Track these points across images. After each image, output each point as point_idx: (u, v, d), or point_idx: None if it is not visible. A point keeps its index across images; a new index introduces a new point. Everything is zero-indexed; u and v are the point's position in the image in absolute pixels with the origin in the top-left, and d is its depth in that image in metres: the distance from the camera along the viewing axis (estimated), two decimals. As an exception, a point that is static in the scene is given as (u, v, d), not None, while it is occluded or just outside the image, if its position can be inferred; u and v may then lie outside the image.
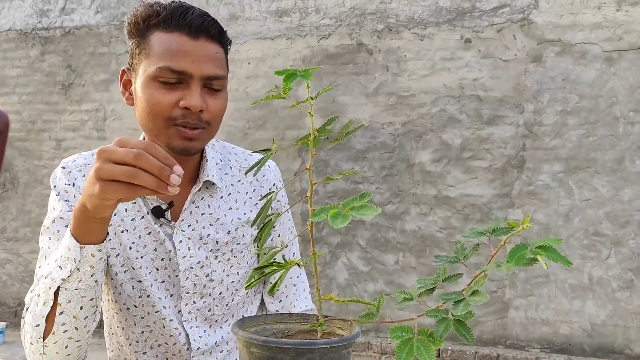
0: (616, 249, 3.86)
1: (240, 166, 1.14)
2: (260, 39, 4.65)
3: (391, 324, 0.62)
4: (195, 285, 1.07)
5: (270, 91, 0.71)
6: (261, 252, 0.76)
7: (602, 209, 3.89)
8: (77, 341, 0.92)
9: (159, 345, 1.09)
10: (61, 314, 0.89)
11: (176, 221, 1.06)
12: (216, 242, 1.08)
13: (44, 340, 0.91)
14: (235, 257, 1.11)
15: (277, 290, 0.79)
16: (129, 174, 0.74)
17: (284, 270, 0.72)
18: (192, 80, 0.96)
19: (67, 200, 1.03)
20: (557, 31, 4.01)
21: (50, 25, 5.24)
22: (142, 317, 1.08)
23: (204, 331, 1.10)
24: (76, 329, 0.91)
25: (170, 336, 1.08)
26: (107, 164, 0.76)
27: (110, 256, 1.04)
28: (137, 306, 1.07)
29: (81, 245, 0.86)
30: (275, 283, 0.74)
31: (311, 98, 0.70)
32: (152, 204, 1.04)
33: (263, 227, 0.75)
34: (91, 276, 0.88)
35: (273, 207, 1.14)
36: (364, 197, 0.65)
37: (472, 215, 4.15)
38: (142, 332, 1.09)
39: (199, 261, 1.06)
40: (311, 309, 1.20)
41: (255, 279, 0.74)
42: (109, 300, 1.10)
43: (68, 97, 5.16)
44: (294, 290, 1.20)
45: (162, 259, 1.06)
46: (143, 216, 1.05)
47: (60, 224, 1.02)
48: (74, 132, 5.14)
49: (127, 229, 1.04)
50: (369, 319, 0.69)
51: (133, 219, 1.05)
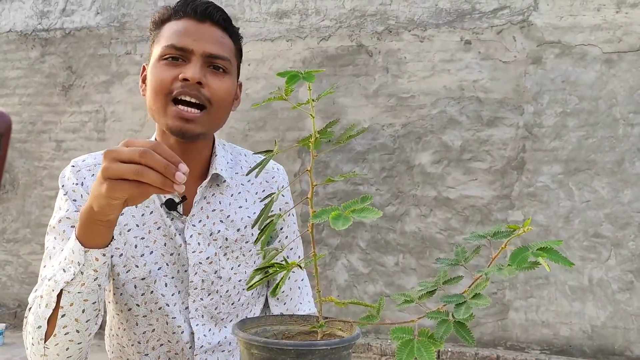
0: (616, 251, 3.86)
1: (250, 166, 1.16)
2: (260, 40, 4.65)
3: (391, 326, 0.62)
4: (203, 281, 1.07)
5: (271, 93, 0.71)
6: (263, 253, 0.76)
7: (602, 210, 3.89)
8: (78, 343, 0.93)
9: (162, 345, 1.09)
10: (63, 316, 0.90)
11: (187, 216, 1.07)
12: (226, 239, 1.09)
13: (45, 342, 0.91)
14: (243, 255, 1.12)
15: (280, 292, 0.79)
16: (135, 172, 0.75)
17: (285, 271, 0.73)
18: (193, 55, 1.00)
19: (74, 200, 1.03)
20: (556, 33, 4.01)
21: (51, 27, 5.24)
22: (145, 315, 1.07)
23: (209, 329, 1.10)
24: (77, 331, 0.91)
25: (173, 333, 1.07)
26: (114, 163, 0.77)
27: (113, 256, 1.04)
28: (139, 305, 1.06)
29: (85, 249, 0.86)
30: (277, 284, 0.74)
31: (312, 100, 0.70)
32: (164, 196, 1.05)
33: (264, 228, 0.75)
34: (94, 280, 0.89)
35: (281, 209, 1.17)
36: (366, 199, 0.65)
37: (472, 216, 4.15)
38: (145, 332, 1.08)
39: (208, 257, 1.07)
40: (314, 312, 1.20)
41: (256, 280, 0.74)
42: (109, 302, 1.10)
43: (68, 98, 5.17)
44: (298, 293, 1.20)
45: (172, 253, 1.06)
46: (152, 211, 1.05)
47: (66, 224, 1.02)
48: (74, 134, 5.14)
49: (137, 225, 1.05)
50: (369, 321, 0.69)
51: (142, 215, 1.06)
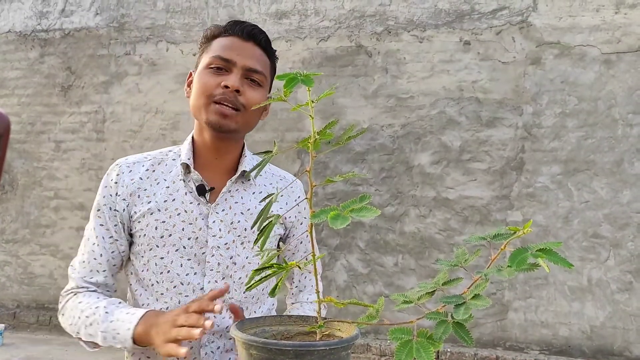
0: (615, 251, 3.86)
1: (273, 174, 1.32)
2: (259, 41, 4.65)
3: (391, 326, 0.62)
4: (219, 264, 1.19)
5: (271, 94, 0.71)
6: (262, 254, 0.76)
7: (601, 211, 3.89)
8: None
9: None
10: (90, 335, 1.14)
11: (212, 204, 1.20)
12: (244, 229, 1.21)
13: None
14: (258, 246, 1.19)
15: (279, 292, 0.81)
16: (184, 334, 1.01)
17: (284, 272, 0.73)
18: (235, 67, 1.18)
19: (110, 195, 1.21)
20: (555, 33, 4.01)
21: (50, 27, 5.24)
22: (162, 293, 1.19)
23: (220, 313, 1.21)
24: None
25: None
26: (175, 329, 1.02)
27: (140, 236, 1.20)
28: (159, 282, 1.19)
29: (134, 346, 1.08)
30: (276, 285, 0.74)
31: (312, 101, 0.71)
32: (195, 183, 1.20)
33: (263, 229, 0.75)
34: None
35: (295, 218, 1.29)
36: (364, 199, 0.65)
37: (471, 217, 4.15)
38: (161, 308, 1.19)
39: (226, 243, 1.20)
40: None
41: (256, 280, 0.74)
42: (134, 282, 1.24)
43: (67, 99, 5.16)
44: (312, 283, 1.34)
45: (189, 237, 1.19)
46: (175, 199, 1.19)
47: (100, 215, 1.22)
48: (73, 134, 5.14)
49: (159, 209, 1.19)
50: (368, 321, 0.69)
51: (165, 201, 1.19)
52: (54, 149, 5.18)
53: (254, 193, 1.25)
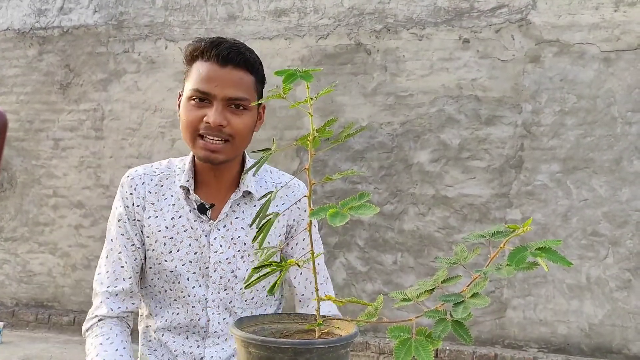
0: (614, 249, 3.87)
1: (274, 182, 1.33)
2: (258, 38, 4.65)
3: (390, 324, 0.62)
4: (221, 277, 1.25)
5: (270, 91, 0.71)
6: (260, 253, 0.76)
7: (600, 209, 3.90)
8: None
9: (181, 327, 1.28)
10: None
11: (214, 220, 1.25)
12: (244, 243, 1.26)
13: None
14: (259, 260, 1.23)
15: (277, 290, 0.82)
16: None
17: (282, 270, 0.72)
18: (215, 100, 1.17)
19: (126, 207, 1.26)
20: (555, 31, 4.01)
21: (48, 25, 5.23)
22: (170, 303, 1.27)
23: (224, 319, 1.27)
24: None
25: (191, 320, 1.26)
26: None
27: (149, 250, 1.25)
28: (167, 291, 1.27)
29: None
30: (275, 283, 0.74)
31: (311, 99, 0.70)
32: (196, 204, 1.24)
33: (261, 227, 0.75)
34: None
35: (296, 219, 1.31)
36: (363, 196, 0.65)
37: (471, 215, 4.15)
38: (172, 313, 1.28)
39: (227, 258, 1.25)
40: (334, 313, 1.33)
41: (254, 279, 0.74)
42: (146, 287, 1.30)
43: (66, 96, 5.16)
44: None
45: (195, 252, 1.24)
46: (181, 216, 1.24)
47: (121, 225, 1.26)
48: (71, 132, 5.13)
49: (166, 227, 1.24)
50: (367, 319, 0.69)
51: (172, 218, 1.24)
52: (53, 147, 5.18)
53: (255, 206, 1.28)
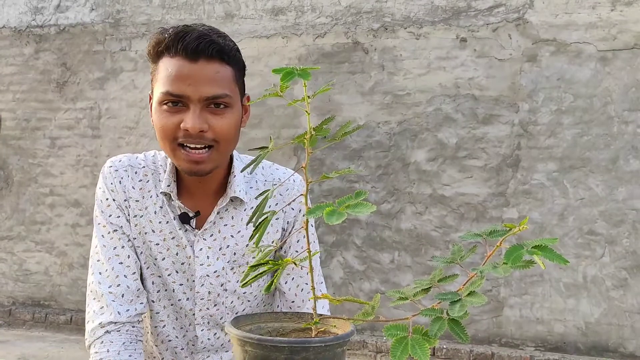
0: (610, 248, 3.88)
1: (266, 180, 1.16)
2: (255, 37, 4.64)
3: (386, 323, 0.62)
4: (209, 292, 1.12)
5: (267, 90, 0.71)
6: (257, 251, 0.76)
7: (596, 208, 3.91)
8: None
9: (170, 341, 1.17)
10: None
11: (200, 229, 1.10)
12: (234, 253, 1.12)
13: None
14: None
15: (273, 289, 0.80)
16: None
17: (279, 268, 0.72)
18: (191, 102, 1.00)
19: (114, 199, 1.11)
20: (552, 31, 4.02)
21: (45, 23, 5.22)
22: (158, 312, 1.14)
23: (215, 334, 1.17)
24: None
25: (181, 328, 1.16)
26: None
27: (138, 253, 1.12)
28: (154, 301, 1.13)
29: None
30: (272, 281, 0.74)
31: (308, 97, 0.70)
32: (179, 210, 1.09)
33: (258, 225, 0.74)
34: None
35: (290, 221, 1.17)
36: (360, 195, 0.65)
37: (468, 214, 4.15)
38: (156, 327, 1.16)
39: (216, 270, 1.11)
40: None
41: (251, 277, 0.74)
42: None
43: (63, 95, 5.14)
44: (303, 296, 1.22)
45: (182, 263, 1.11)
46: (168, 221, 1.10)
47: (112, 221, 1.12)
48: (68, 131, 5.12)
49: (153, 230, 1.10)
50: (364, 318, 0.69)
51: (160, 222, 1.10)
52: (50, 146, 5.16)
53: (245, 210, 1.12)
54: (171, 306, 1.14)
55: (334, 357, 0.67)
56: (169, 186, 1.08)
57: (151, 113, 1.09)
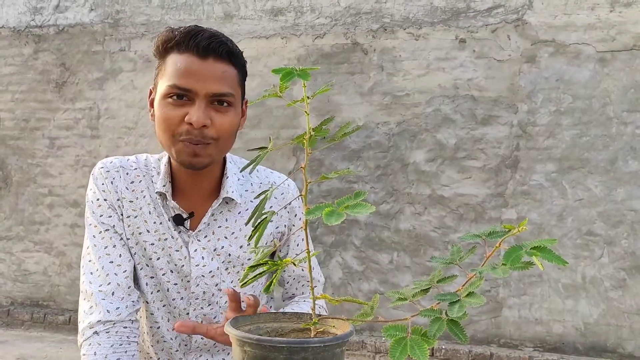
0: (609, 249, 3.88)
1: (261, 183, 1.19)
2: (255, 37, 4.64)
3: (385, 323, 0.62)
4: (204, 292, 1.14)
5: (266, 90, 0.71)
6: (256, 251, 0.76)
7: (595, 208, 3.91)
8: None
9: (165, 342, 1.19)
10: None
11: (194, 231, 1.12)
12: (228, 254, 1.14)
13: None
14: (244, 270, 1.14)
15: (273, 290, 0.81)
16: None
17: (278, 269, 0.72)
18: (197, 97, 1.03)
19: (105, 199, 1.12)
20: (551, 32, 4.02)
21: (44, 23, 5.21)
22: (152, 313, 1.16)
23: None
24: None
25: (174, 330, 1.14)
26: None
27: (132, 254, 1.13)
28: (148, 302, 1.15)
29: None
30: (271, 282, 0.74)
31: (307, 98, 0.70)
32: (173, 211, 1.11)
33: (257, 225, 0.74)
34: None
35: (287, 225, 1.19)
36: (359, 195, 0.65)
37: (466, 214, 4.16)
38: (151, 327, 1.18)
39: (211, 271, 1.13)
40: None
41: (250, 277, 0.74)
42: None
43: (62, 95, 5.14)
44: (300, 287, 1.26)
45: (176, 264, 1.12)
46: (162, 222, 1.12)
47: (104, 221, 1.12)
48: (67, 131, 5.12)
49: (148, 231, 1.11)
50: (363, 318, 0.69)
51: (154, 223, 1.12)
52: (48, 146, 5.16)
53: (239, 213, 1.14)
54: (164, 307, 1.15)
55: (332, 358, 0.68)
56: (164, 186, 1.10)
57: (151, 108, 1.10)
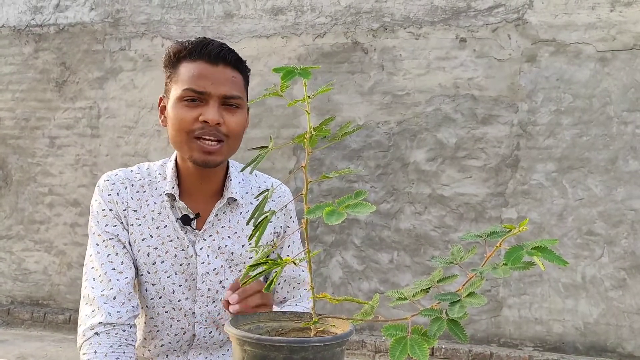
0: (609, 248, 3.88)
1: (260, 186, 1.29)
2: (255, 37, 4.64)
3: (385, 323, 0.62)
4: (209, 289, 1.20)
5: (266, 89, 0.71)
6: (256, 251, 0.76)
7: (595, 208, 3.91)
8: None
9: (162, 345, 1.23)
10: None
11: (200, 230, 1.19)
12: (231, 252, 1.21)
13: None
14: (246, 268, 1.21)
15: (273, 289, 0.81)
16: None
17: (279, 268, 0.72)
18: (211, 98, 1.13)
19: (110, 210, 1.17)
20: (551, 31, 4.02)
21: (44, 22, 5.21)
22: (152, 317, 1.20)
23: (210, 332, 1.23)
24: None
25: (175, 335, 1.22)
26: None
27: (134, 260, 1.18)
28: (148, 307, 1.19)
29: None
30: (272, 280, 0.74)
31: (308, 97, 0.70)
32: (180, 212, 1.19)
33: (258, 224, 0.74)
34: None
35: (282, 226, 1.27)
36: (360, 194, 0.65)
37: (467, 214, 4.15)
38: (150, 331, 1.21)
39: (215, 268, 1.20)
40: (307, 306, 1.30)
41: (250, 276, 0.74)
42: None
43: (62, 94, 5.14)
44: (296, 293, 1.32)
45: (181, 264, 1.18)
46: (167, 225, 1.18)
47: (108, 230, 1.17)
48: (67, 130, 5.12)
49: (151, 236, 1.17)
50: (363, 318, 0.69)
51: (158, 227, 1.18)
52: (49, 145, 5.16)
53: (241, 213, 1.23)
54: (166, 313, 1.19)
55: (332, 357, 0.68)
56: (173, 187, 1.18)
57: (161, 115, 1.21)
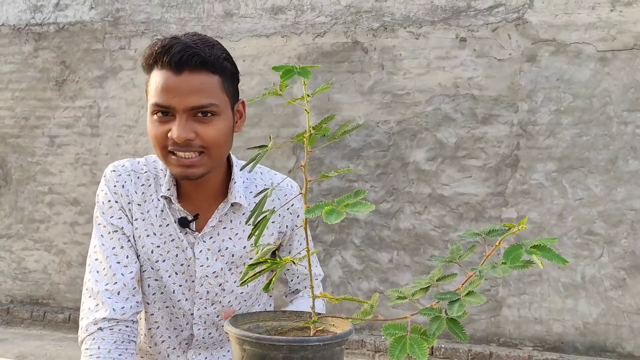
0: (609, 248, 3.88)
1: (265, 184, 1.22)
2: (255, 36, 4.64)
3: (385, 322, 0.62)
4: (208, 292, 1.18)
5: (266, 88, 0.71)
6: (256, 250, 0.76)
7: (595, 208, 3.91)
8: None
9: (163, 342, 1.22)
10: None
11: (200, 232, 1.15)
12: (232, 255, 1.17)
13: None
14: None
15: (272, 288, 0.81)
16: None
17: (278, 268, 0.72)
18: (177, 112, 1.05)
19: (116, 202, 1.15)
20: (551, 31, 4.02)
21: (44, 21, 5.21)
22: (152, 314, 1.19)
23: (209, 333, 1.22)
24: None
25: (174, 333, 1.21)
26: None
27: (138, 255, 1.16)
28: (149, 303, 1.17)
29: None
30: (270, 280, 0.74)
31: (307, 96, 0.70)
32: (179, 214, 1.14)
33: (257, 223, 0.74)
34: None
35: (289, 225, 1.23)
36: (359, 193, 0.65)
37: (466, 213, 4.15)
38: (150, 329, 1.20)
39: (214, 271, 1.17)
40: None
41: (250, 275, 0.74)
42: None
43: (62, 93, 5.14)
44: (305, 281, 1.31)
45: (182, 264, 1.16)
46: (169, 224, 1.15)
47: (113, 222, 1.15)
48: (67, 129, 5.12)
49: (154, 233, 1.14)
50: (362, 317, 0.69)
51: (160, 225, 1.15)
52: (48, 144, 5.16)
53: (244, 214, 1.18)
54: (166, 308, 1.18)
55: (332, 356, 0.67)
56: (169, 190, 1.13)
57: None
